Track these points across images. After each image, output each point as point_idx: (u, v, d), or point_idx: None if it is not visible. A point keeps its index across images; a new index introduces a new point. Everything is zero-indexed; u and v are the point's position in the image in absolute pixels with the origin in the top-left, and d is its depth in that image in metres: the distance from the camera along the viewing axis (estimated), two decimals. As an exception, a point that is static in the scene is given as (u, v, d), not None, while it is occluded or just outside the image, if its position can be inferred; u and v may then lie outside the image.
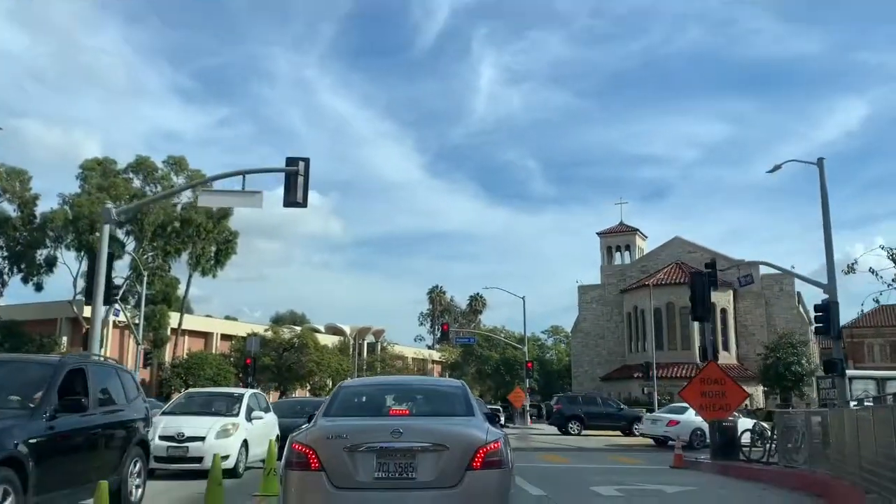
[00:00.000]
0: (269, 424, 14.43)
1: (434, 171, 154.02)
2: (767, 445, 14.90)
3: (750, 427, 16.35)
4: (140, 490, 8.60)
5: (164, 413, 14.00)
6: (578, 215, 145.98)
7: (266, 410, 15.12)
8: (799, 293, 64.65)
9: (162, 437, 12.36)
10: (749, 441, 15.87)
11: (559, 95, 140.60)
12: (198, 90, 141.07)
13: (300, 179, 17.89)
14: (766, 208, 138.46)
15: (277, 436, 14.26)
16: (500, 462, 5.79)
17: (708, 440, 16.60)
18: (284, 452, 6.00)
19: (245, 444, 13.05)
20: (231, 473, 12.32)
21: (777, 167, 26.31)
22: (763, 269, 49.97)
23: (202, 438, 12.40)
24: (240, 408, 13.76)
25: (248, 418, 13.66)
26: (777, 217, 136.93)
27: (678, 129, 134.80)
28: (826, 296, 23.36)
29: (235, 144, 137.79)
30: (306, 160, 18.03)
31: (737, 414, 23.05)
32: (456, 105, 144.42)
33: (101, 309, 17.25)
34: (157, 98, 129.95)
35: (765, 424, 16.86)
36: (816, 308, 23.27)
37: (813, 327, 64.07)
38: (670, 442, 19.81)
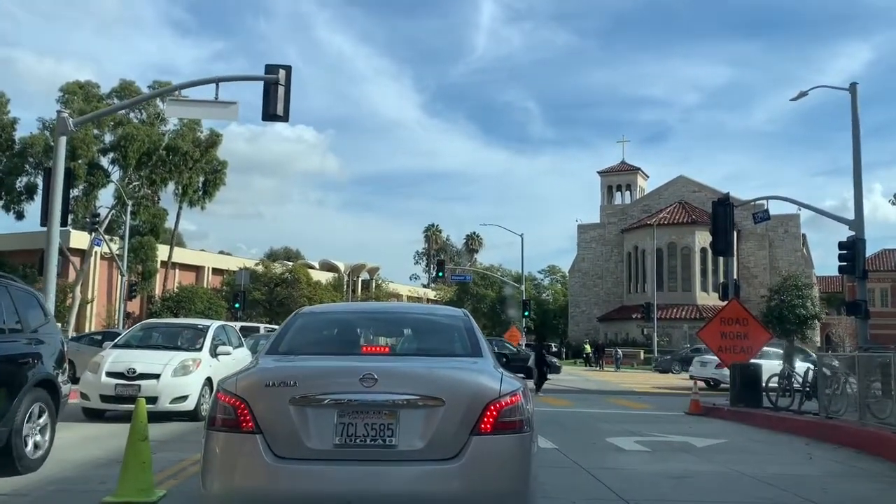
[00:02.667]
0: (239, 361, 12.62)
1: (432, 110, 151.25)
2: (799, 392, 13.38)
3: (777, 371, 14.82)
4: (46, 444, 6.83)
5: (115, 346, 12.26)
6: (577, 158, 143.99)
7: (238, 346, 13.51)
8: (804, 235, 63.22)
9: (110, 374, 10.78)
10: (777, 386, 14.33)
11: (560, 35, 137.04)
12: (192, 23, 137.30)
13: (281, 90, 15.91)
14: (765, 154, 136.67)
15: None
16: (519, 423, 3.97)
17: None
18: (210, 403, 4.25)
19: (209, 382, 11.40)
20: (192, 416, 10.96)
21: (803, 93, 24.26)
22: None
23: (157, 376, 10.81)
24: (204, 342, 12.13)
25: (214, 354, 12.06)
26: (776, 163, 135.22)
27: (679, 71, 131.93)
28: (852, 232, 21.61)
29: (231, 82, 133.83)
30: (287, 68, 16.03)
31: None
32: (455, 43, 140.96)
33: (57, 230, 15.46)
34: (151, 30, 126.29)
35: (803, 367, 15.28)
36: (841, 245, 21.51)
37: (815, 270, 63.30)
38: (722, 385, 18.17)
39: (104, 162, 49.16)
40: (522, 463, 3.97)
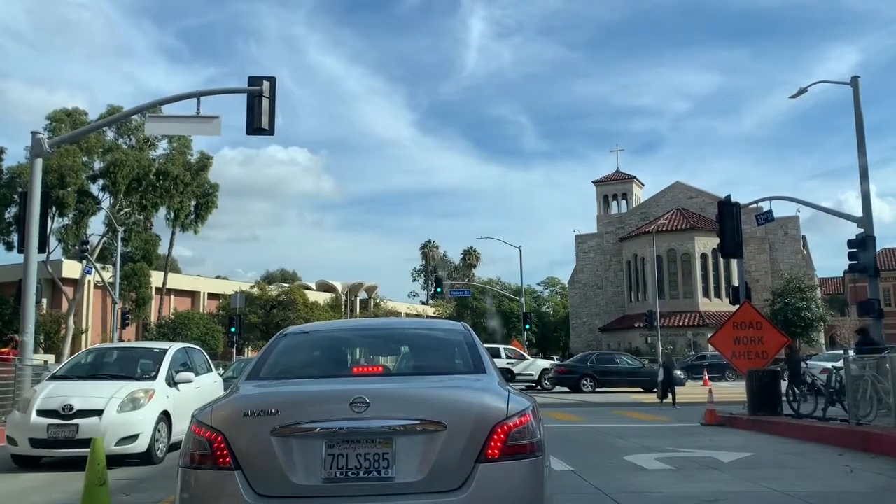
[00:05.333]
0: (205, 390, 10.98)
1: (425, 127, 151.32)
2: (823, 398, 12.64)
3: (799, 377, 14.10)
4: None
5: (53, 377, 10.29)
6: (571, 169, 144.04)
7: (207, 371, 11.96)
8: (804, 237, 62.62)
9: (41, 412, 8.86)
10: (797, 393, 13.59)
11: (550, 48, 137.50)
12: (183, 50, 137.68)
13: (265, 102, 15.29)
14: (757, 160, 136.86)
15: None
16: (530, 447, 3.52)
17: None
18: (184, 438, 3.71)
19: (166, 417, 9.70)
20: (144, 459, 9.22)
21: (803, 90, 23.77)
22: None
23: (98, 412, 8.89)
24: (160, 368, 10.22)
25: (172, 382, 10.24)
26: (769, 168, 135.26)
27: (669, 80, 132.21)
28: (861, 229, 20.94)
29: (223, 105, 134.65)
30: (272, 79, 15.42)
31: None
32: (446, 60, 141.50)
33: (35, 255, 14.76)
34: (142, 58, 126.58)
35: (819, 373, 14.54)
36: (850, 244, 20.83)
37: (816, 272, 62.60)
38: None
39: (94, 189, 48.52)
40: (535, 491, 3.53)
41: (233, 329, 38.88)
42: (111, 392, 9.23)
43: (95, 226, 49.61)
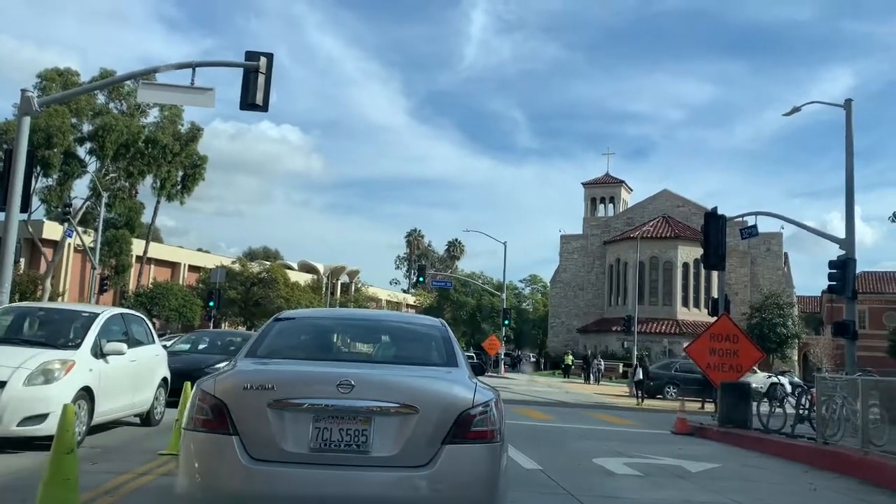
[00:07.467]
0: (145, 364, 9.82)
1: (420, 116, 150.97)
2: (794, 415, 12.79)
3: (767, 391, 14.27)
4: None
5: None
6: (561, 169, 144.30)
7: (149, 342, 10.43)
8: (786, 254, 63.14)
9: None
10: (768, 408, 13.75)
11: (549, 47, 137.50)
12: (182, 19, 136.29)
13: (261, 78, 15.16)
14: (745, 173, 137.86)
15: (165, 379, 10.44)
16: (490, 433, 4.07)
17: None
18: (188, 404, 4.23)
19: (87, 394, 8.15)
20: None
21: (796, 109, 23.96)
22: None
23: (1, 385, 7.42)
24: (86, 336, 8.63)
25: (99, 353, 8.64)
26: (756, 182, 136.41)
27: (665, 88, 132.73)
28: (843, 251, 21.13)
29: (218, 77, 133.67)
30: (269, 55, 15.29)
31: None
32: (445, 50, 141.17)
33: (17, 215, 14.61)
34: (139, 24, 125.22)
35: (786, 389, 14.69)
36: (831, 265, 21.00)
37: (795, 290, 63.18)
38: None
39: (80, 152, 47.98)
40: (492, 472, 4.04)
41: (211, 303, 38.69)
42: (20, 361, 7.70)
43: (80, 189, 49.24)
